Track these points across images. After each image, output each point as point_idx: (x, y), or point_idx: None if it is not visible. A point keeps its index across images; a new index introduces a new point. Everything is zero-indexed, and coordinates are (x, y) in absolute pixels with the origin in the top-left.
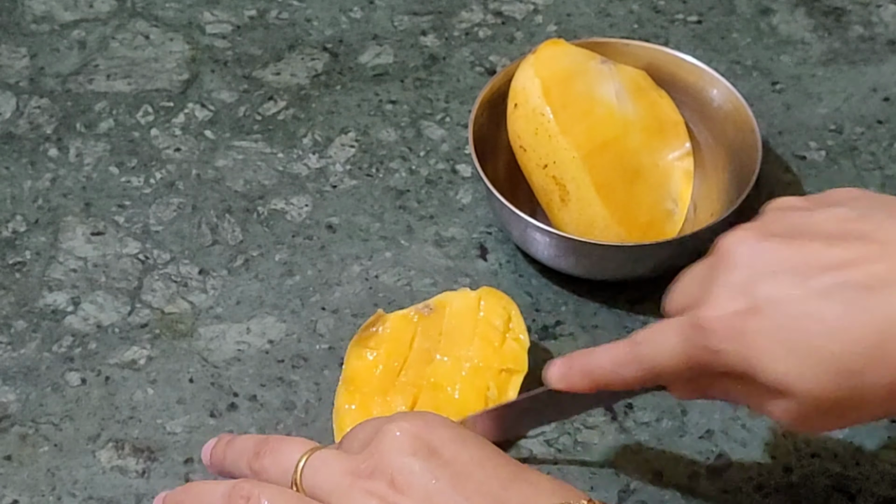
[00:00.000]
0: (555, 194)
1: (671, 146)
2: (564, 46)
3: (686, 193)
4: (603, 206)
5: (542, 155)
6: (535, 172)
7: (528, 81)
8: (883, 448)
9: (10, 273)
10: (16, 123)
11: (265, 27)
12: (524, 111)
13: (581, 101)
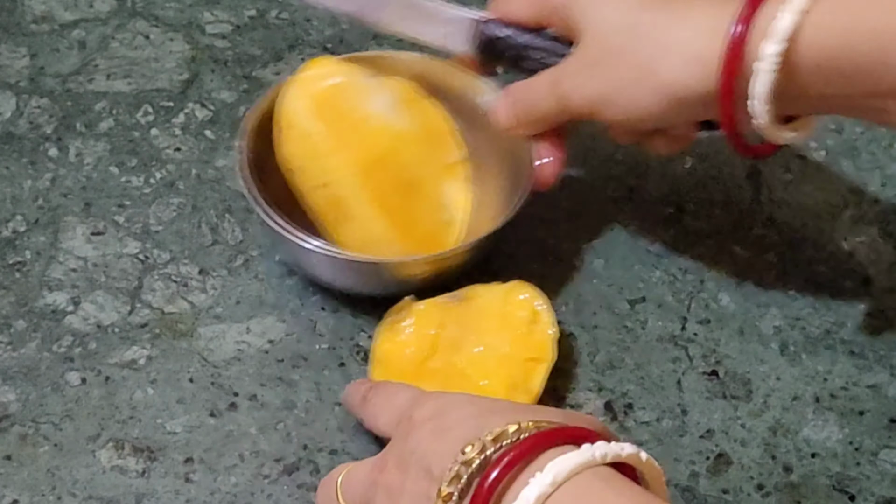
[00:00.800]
0: (331, 214)
1: (447, 155)
2: (330, 63)
3: (464, 202)
4: (383, 222)
5: (316, 175)
6: (310, 194)
7: (295, 102)
8: (883, 448)
9: (10, 273)
10: (16, 123)
11: (265, 27)
12: (294, 133)
13: (351, 117)
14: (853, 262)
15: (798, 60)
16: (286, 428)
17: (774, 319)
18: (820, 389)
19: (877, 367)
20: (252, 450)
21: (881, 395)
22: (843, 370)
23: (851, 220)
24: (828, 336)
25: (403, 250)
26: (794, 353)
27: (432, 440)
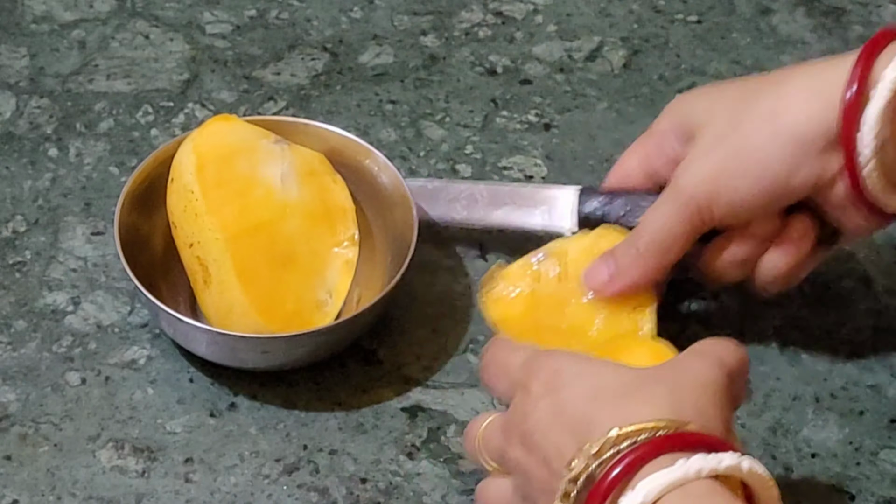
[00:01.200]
0: (199, 275)
1: (336, 234)
2: (234, 122)
3: (344, 283)
4: (242, 292)
5: (188, 233)
6: (183, 250)
7: (184, 157)
8: (883, 448)
9: (10, 273)
10: (16, 123)
11: (265, 27)
12: (176, 186)
13: (238, 181)
14: (853, 262)
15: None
16: (286, 428)
17: (774, 319)
18: (820, 389)
19: (877, 367)
20: (252, 450)
21: (881, 395)
22: (843, 370)
23: None
24: (828, 336)
25: (263, 325)
26: (794, 353)
27: (549, 425)
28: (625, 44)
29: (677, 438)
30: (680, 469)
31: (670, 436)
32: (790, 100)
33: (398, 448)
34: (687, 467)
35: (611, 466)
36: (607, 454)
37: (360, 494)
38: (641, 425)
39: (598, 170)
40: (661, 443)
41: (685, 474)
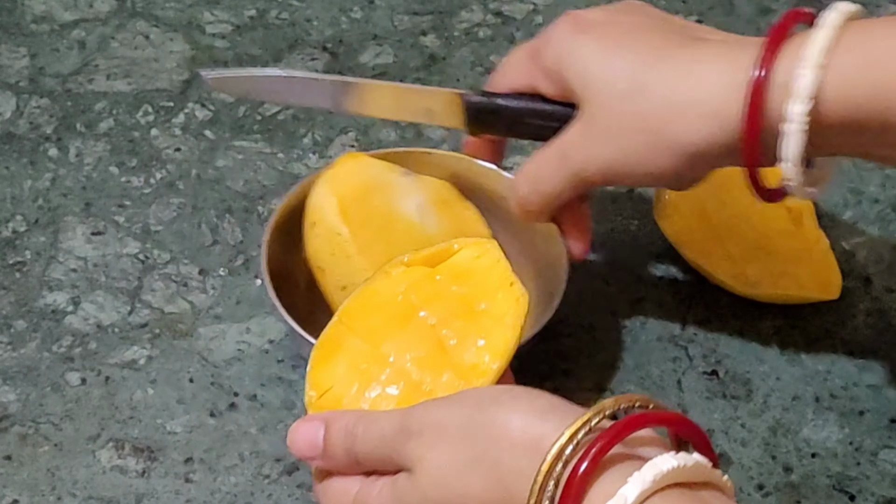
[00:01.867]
0: None
1: None
2: (363, 159)
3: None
4: None
5: (339, 276)
6: (333, 294)
7: (323, 199)
8: (883, 448)
9: (10, 273)
10: (16, 123)
11: (265, 27)
12: (319, 231)
13: (379, 219)
14: (853, 262)
15: (823, 119)
16: (286, 428)
17: (774, 319)
18: (820, 389)
19: (877, 367)
20: (252, 450)
21: (881, 395)
22: (843, 370)
23: (851, 220)
24: (828, 336)
25: None
26: (794, 353)
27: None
28: None
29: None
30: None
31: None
32: (687, 119)
33: None
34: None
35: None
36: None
37: None
38: (587, 416)
39: None
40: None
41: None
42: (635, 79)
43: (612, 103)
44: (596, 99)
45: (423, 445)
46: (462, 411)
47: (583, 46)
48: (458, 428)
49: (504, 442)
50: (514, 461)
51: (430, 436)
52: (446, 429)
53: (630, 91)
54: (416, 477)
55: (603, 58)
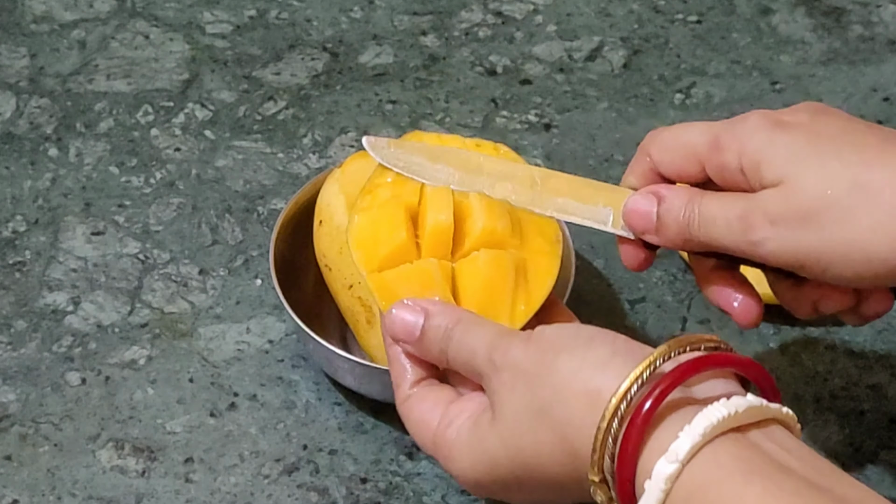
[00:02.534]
0: (361, 315)
1: None
2: (373, 159)
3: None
4: None
5: (346, 275)
6: (340, 293)
7: (332, 198)
8: (883, 448)
9: (10, 273)
10: (16, 123)
11: (265, 27)
12: (328, 229)
13: None
14: None
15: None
16: (286, 428)
17: (774, 319)
18: (820, 389)
19: (877, 367)
20: (252, 450)
21: (881, 395)
22: (843, 370)
23: None
24: (828, 336)
25: None
26: (794, 353)
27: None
28: (625, 44)
29: (690, 366)
30: (710, 416)
31: (697, 359)
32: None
33: (398, 448)
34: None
35: (631, 419)
36: (634, 389)
37: (360, 494)
38: (653, 356)
39: (598, 170)
40: (685, 371)
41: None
42: (858, 175)
43: (825, 190)
44: (805, 181)
45: (504, 385)
46: (536, 356)
47: (787, 144)
48: (530, 374)
49: (566, 393)
50: (574, 414)
51: (509, 376)
52: (522, 372)
53: (851, 185)
54: (496, 421)
55: (815, 154)
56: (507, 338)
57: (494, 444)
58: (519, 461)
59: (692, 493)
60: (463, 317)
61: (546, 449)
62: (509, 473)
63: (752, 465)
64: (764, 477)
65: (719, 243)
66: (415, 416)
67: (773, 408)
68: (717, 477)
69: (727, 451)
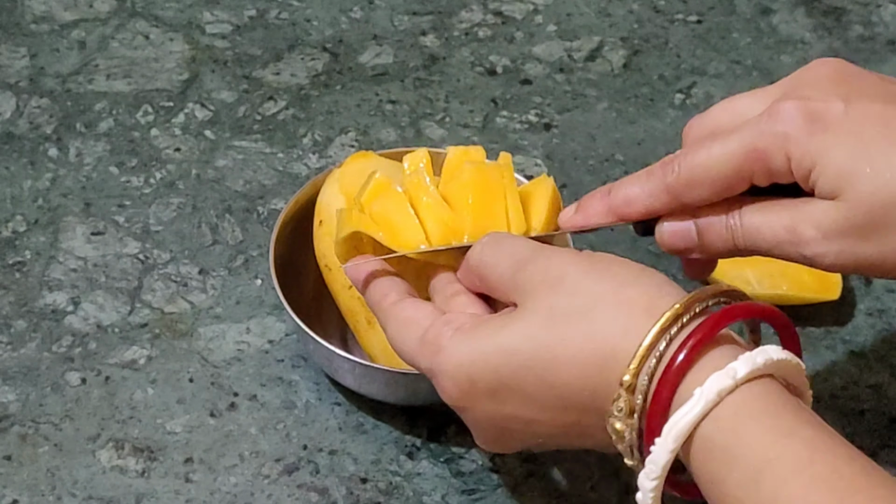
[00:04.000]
0: (361, 316)
1: None
2: (372, 159)
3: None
4: None
5: (345, 276)
6: (340, 293)
7: (331, 198)
8: (883, 448)
9: (10, 273)
10: (16, 123)
11: (265, 27)
12: (329, 229)
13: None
14: None
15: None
16: (286, 428)
17: None
18: (820, 389)
19: (877, 367)
20: (252, 450)
21: (881, 395)
22: (843, 370)
23: None
24: (828, 336)
25: None
26: None
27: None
28: (625, 44)
29: (746, 307)
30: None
31: (725, 310)
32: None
33: (398, 448)
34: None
35: (675, 352)
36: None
37: (360, 494)
38: (680, 304)
39: (598, 170)
40: (722, 317)
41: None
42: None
43: (883, 206)
44: (862, 190)
45: (545, 282)
46: (586, 263)
47: (836, 149)
48: (578, 275)
49: (619, 296)
50: (623, 317)
51: (554, 274)
52: (569, 274)
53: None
54: (523, 312)
55: (867, 161)
56: (550, 248)
57: (511, 334)
58: (533, 356)
59: (740, 414)
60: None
61: (571, 348)
62: (513, 372)
63: (802, 410)
64: (815, 423)
65: (767, 252)
66: (402, 315)
67: (806, 381)
68: (767, 408)
69: (777, 390)
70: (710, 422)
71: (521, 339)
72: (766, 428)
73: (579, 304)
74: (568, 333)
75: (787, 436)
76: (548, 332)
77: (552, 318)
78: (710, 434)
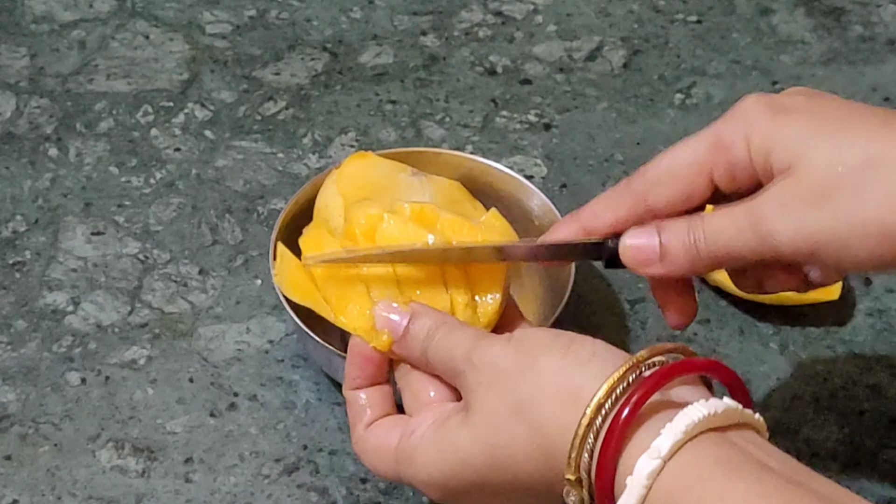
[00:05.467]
0: None
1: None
2: (371, 159)
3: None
4: None
5: None
6: None
7: (330, 199)
8: (883, 448)
9: (10, 273)
10: (16, 123)
11: (265, 27)
12: (328, 229)
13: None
14: None
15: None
16: (286, 428)
17: (774, 319)
18: (820, 389)
19: (877, 367)
20: (252, 450)
21: (881, 395)
22: (842, 370)
23: None
24: (827, 336)
25: None
26: (794, 353)
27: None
28: (625, 44)
29: (672, 369)
30: (683, 422)
31: (666, 368)
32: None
33: None
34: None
35: (615, 416)
36: (611, 400)
37: (360, 494)
38: (626, 367)
39: (598, 170)
40: (666, 373)
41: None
42: (868, 150)
43: (834, 168)
44: (811, 163)
45: (481, 384)
46: (516, 356)
47: (793, 126)
48: (511, 372)
49: (548, 391)
50: (555, 412)
51: (488, 375)
52: (502, 371)
53: (861, 160)
54: (470, 419)
55: (823, 133)
56: (488, 339)
57: (466, 442)
58: (491, 460)
59: (674, 490)
60: (447, 320)
61: (522, 447)
62: (479, 475)
63: (733, 464)
64: (746, 474)
65: (730, 250)
66: (372, 443)
67: (748, 413)
68: (699, 474)
69: (708, 449)
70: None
71: (476, 447)
72: (698, 498)
73: (516, 405)
74: (515, 433)
75: (720, 500)
76: (496, 435)
77: (496, 420)
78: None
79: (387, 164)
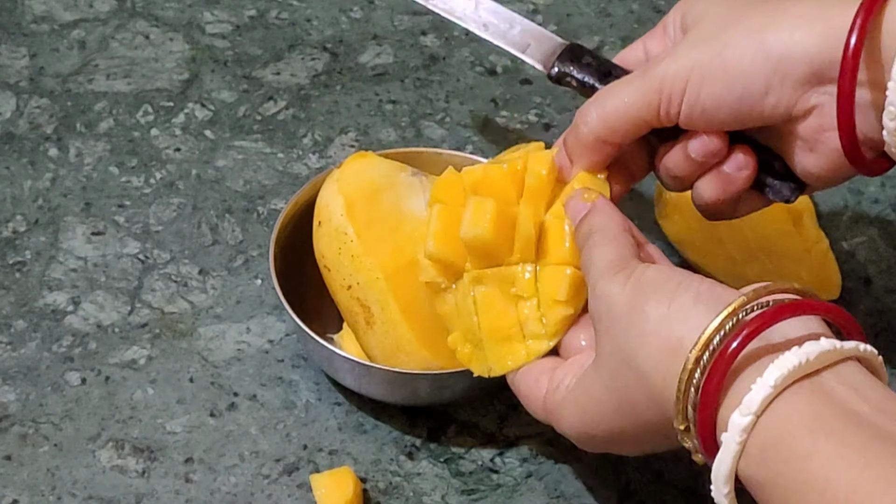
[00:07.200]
0: (360, 316)
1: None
2: (372, 159)
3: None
4: (409, 329)
5: (345, 275)
6: (339, 293)
7: (330, 199)
8: None
9: (10, 273)
10: (16, 123)
11: (265, 27)
12: (327, 229)
13: (387, 218)
14: (853, 262)
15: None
16: (286, 428)
17: None
18: None
19: None
20: (252, 450)
21: None
22: None
23: (851, 220)
24: None
25: (431, 360)
26: None
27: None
28: (625, 44)
29: (770, 315)
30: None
31: (782, 306)
32: (784, 20)
33: (398, 448)
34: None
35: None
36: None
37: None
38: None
39: None
40: (773, 315)
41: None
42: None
43: (712, 19)
44: (697, 22)
45: (600, 329)
46: (629, 297)
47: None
48: (620, 318)
49: (651, 342)
50: (658, 364)
51: (604, 315)
52: (614, 316)
53: (731, 10)
54: (598, 366)
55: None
56: (615, 270)
57: (600, 392)
58: (619, 406)
59: (766, 447)
60: (606, 227)
61: (638, 395)
62: (615, 422)
63: (820, 420)
64: (830, 433)
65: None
66: (523, 390)
67: (849, 347)
68: (787, 430)
69: (797, 404)
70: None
71: (605, 395)
72: (787, 456)
73: (627, 354)
74: (630, 382)
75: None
76: (616, 382)
77: (615, 368)
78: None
79: (387, 164)
